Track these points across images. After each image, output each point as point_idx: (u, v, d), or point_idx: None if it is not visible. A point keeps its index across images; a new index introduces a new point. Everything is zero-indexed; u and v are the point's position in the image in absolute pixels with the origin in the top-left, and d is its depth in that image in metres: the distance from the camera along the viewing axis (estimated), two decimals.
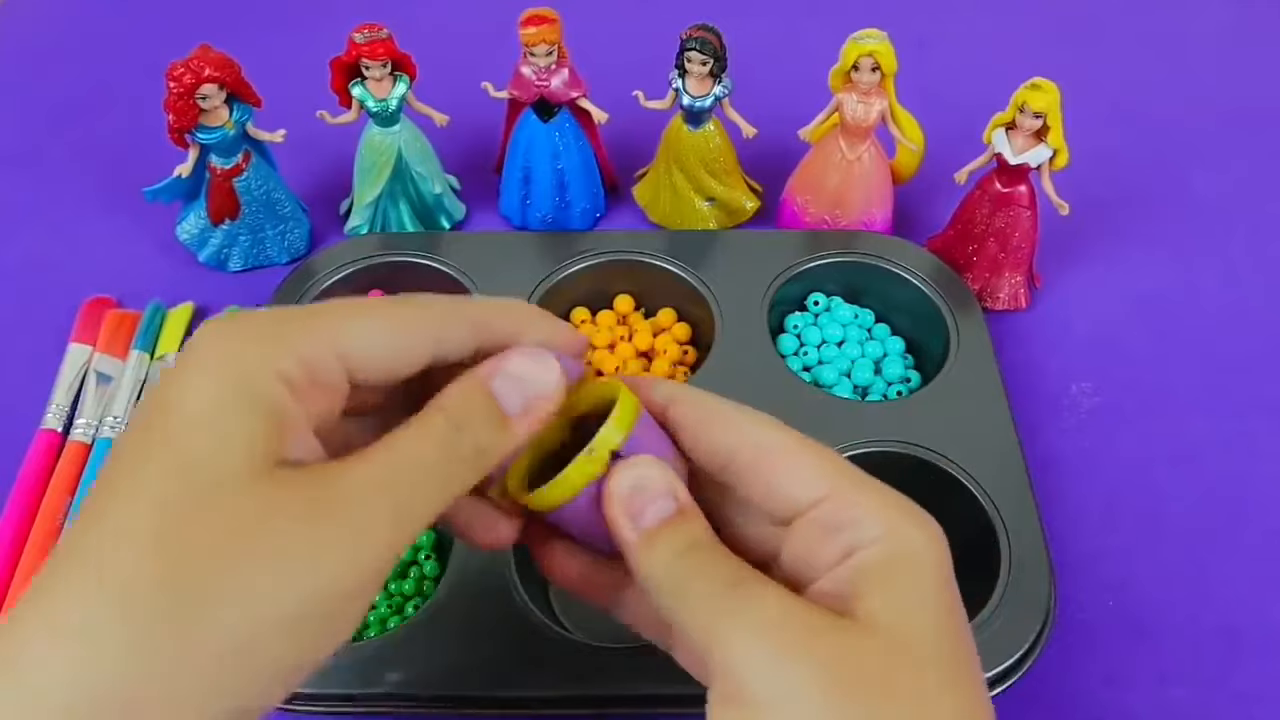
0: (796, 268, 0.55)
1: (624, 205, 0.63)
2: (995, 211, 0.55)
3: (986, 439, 0.48)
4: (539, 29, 0.53)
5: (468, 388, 0.26)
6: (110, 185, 0.64)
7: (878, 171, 0.57)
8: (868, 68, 0.53)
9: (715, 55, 0.53)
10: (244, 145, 0.55)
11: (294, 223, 0.59)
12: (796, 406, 0.49)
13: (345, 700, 0.41)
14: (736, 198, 0.61)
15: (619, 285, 0.56)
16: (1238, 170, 0.66)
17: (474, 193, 0.63)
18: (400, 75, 0.55)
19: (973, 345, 0.52)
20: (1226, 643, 0.45)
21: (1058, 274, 0.59)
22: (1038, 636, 0.42)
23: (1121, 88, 0.71)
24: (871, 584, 0.25)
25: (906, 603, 0.25)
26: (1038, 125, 0.51)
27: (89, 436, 0.51)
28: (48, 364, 0.54)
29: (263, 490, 0.23)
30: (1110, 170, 0.64)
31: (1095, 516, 0.49)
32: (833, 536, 0.26)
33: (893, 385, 0.53)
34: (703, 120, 0.57)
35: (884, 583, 0.25)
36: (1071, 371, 0.55)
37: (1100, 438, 0.52)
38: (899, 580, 0.25)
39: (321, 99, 0.56)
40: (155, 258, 0.60)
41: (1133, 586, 0.47)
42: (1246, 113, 0.70)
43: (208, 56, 0.52)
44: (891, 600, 0.25)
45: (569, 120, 0.58)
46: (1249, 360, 0.56)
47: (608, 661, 0.41)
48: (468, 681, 0.41)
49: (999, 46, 0.74)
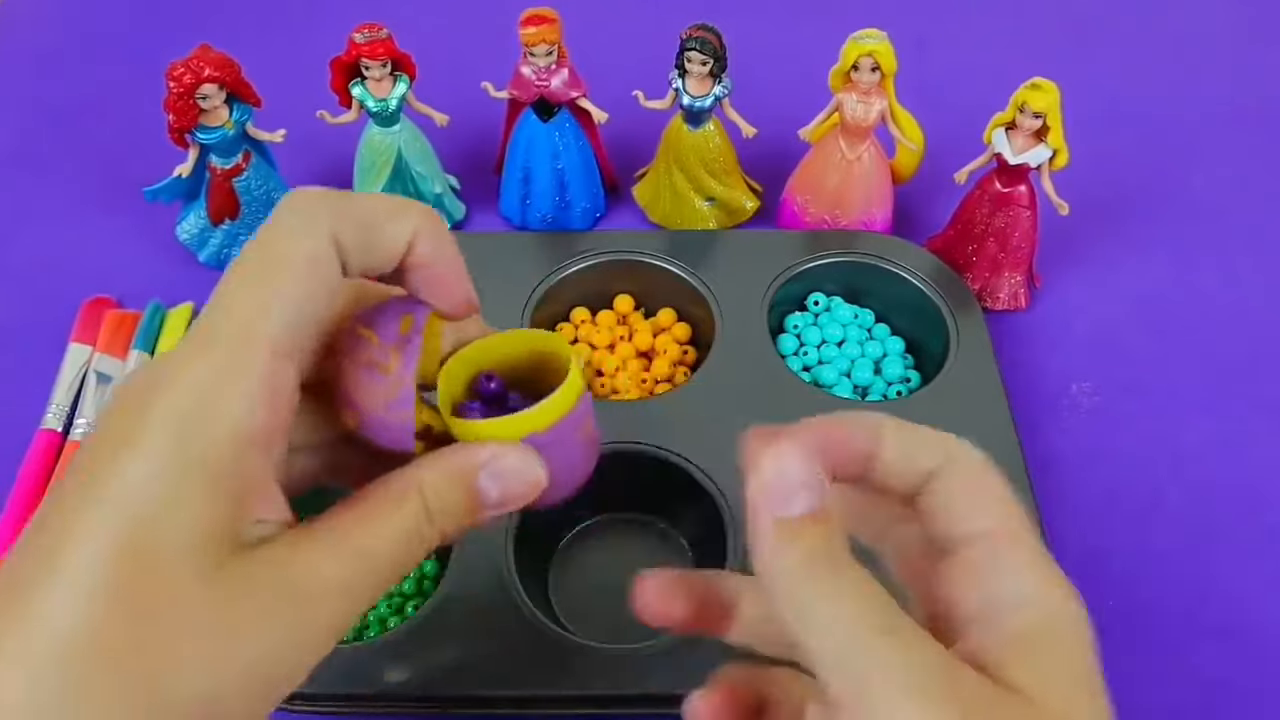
0: (796, 268, 0.55)
1: (624, 205, 0.63)
2: (995, 211, 0.55)
3: (986, 439, 0.47)
4: (539, 29, 0.54)
5: (454, 479, 0.25)
6: (110, 185, 0.64)
7: (878, 171, 0.57)
8: (868, 68, 0.53)
9: (715, 55, 0.53)
10: (244, 145, 0.55)
11: None
12: (796, 406, 0.49)
13: (345, 700, 0.41)
14: (736, 198, 0.61)
15: (619, 285, 0.56)
16: (1238, 170, 0.66)
17: (474, 193, 0.63)
18: (400, 75, 0.55)
19: (973, 345, 0.52)
20: (1226, 643, 0.45)
21: (1058, 274, 0.59)
22: None
23: (1121, 88, 0.71)
24: (1022, 651, 0.23)
25: (1063, 679, 0.23)
26: (1038, 125, 0.51)
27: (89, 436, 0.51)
28: (48, 364, 0.54)
29: (212, 589, 0.21)
30: (1110, 170, 0.64)
31: (1095, 516, 0.49)
32: (977, 581, 0.24)
33: (893, 385, 0.53)
34: (703, 120, 0.57)
35: (1038, 652, 0.23)
36: (1071, 371, 0.55)
37: (1100, 438, 0.52)
38: (1056, 653, 0.23)
39: (321, 99, 0.56)
40: (155, 258, 0.60)
41: (1133, 586, 0.47)
42: (1246, 113, 0.70)
43: (208, 56, 0.52)
44: (1048, 674, 0.22)
45: (569, 120, 0.58)
46: (1249, 360, 0.56)
47: (608, 661, 0.41)
48: (468, 681, 0.41)
49: (999, 46, 0.74)
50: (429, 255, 0.25)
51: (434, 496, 0.25)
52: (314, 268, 0.24)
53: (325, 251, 0.24)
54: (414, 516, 0.25)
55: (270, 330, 0.23)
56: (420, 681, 0.41)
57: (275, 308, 0.23)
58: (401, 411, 0.25)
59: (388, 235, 0.25)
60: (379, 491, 0.25)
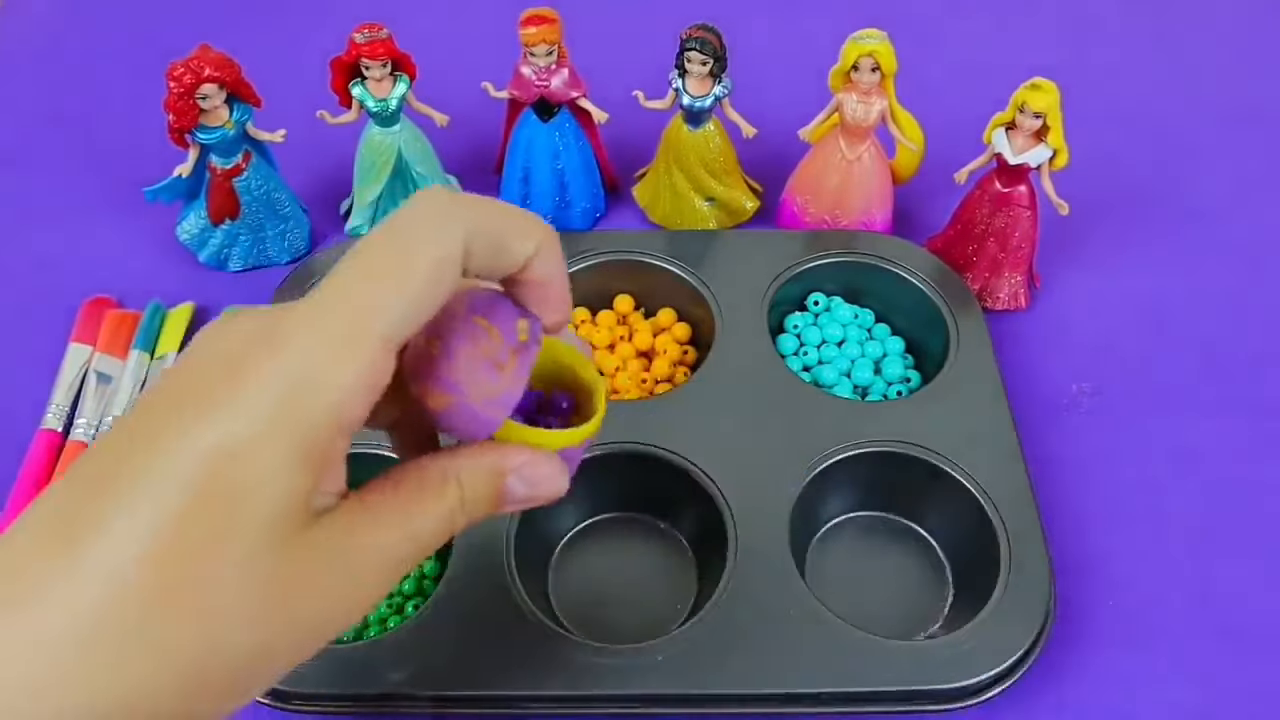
0: (796, 268, 0.55)
1: (624, 205, 0.63)
2: (995, 211, 0.55)
3: (986, 439, 0.48)
4: (539, 29, 0.54)
5: (488, 474, 0.28)
6: (110, 185, 0.64)
7: (878, 171, 0.57)
8: (868, 68, 0.53)
9: (715, 55, 0.53)
10: (244, 145, 0.55)
11: (294, 222, 0.59)
12: (796, 406, 0.50)
13: (345, 700, 0.41)
14: (736, 198, 0.61)
15: (619, 285, 0.56)
16: (1238, 170, 0.66)
17: (474, 192, 0.63)
18: (400, 75, 0.55)
19: (973, 345, 0.52)
20: (1226, 643, 0.45)
21: (1058, 274, 0.59)
22: (1038, 636, 0.42)
23: (1121, 88, 0.71)
24: None
25: None
26: (1038, 125, 0.51)
27: (89, 436, 0.51)
28: (48, 364, 0.54)
29: (279, 554, 0.23)
30: (1110, 170, 0.64)
31: (1095, 516, 0.49)
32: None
33: (893, 385, 0.53)
34: (703, 120, 0.57)
35: None
36: (1071, 371, 0.55)
37: (1100, 438, 0.52)
38: None
39: (321, 99, 0.56)
40: (155, 258, 0.60)
41: (1133, 586, 0.47)
42: (1247, 113, 0.70)
43: (208, 56, 0.52)
44: None
45: (569, 120, 0.58)
46: (1249, 360, 0.56)
47: (608, 661, 0.41)
48: (468, 681, 0.41)
49: (999, 46, 0.74)
50: (546, 274, 0.27)
51: (469, 487, 0.27)
52: (439, 271, 0.25)
53: (454, 257, 0.25)
54: (452, 503, 0.27)
55: (384, 327, 0.24)
56: (420, 681, 0.41)
57: (395, 305, 0.24)
58: (499, 411, 0.27)
59: (514, 250, 0.26)
60: (422, 476, 0.27)
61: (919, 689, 0.41)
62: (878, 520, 0.49)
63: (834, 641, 0.42)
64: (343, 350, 0.23)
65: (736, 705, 0.41)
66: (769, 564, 0.44)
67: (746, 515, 0.45)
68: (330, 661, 0.41)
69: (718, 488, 0.46)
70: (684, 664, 0.41)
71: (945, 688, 0.41)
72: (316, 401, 0.23)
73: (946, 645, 0.42)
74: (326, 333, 0.24)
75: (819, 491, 0.47)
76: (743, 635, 0.42)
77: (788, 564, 0.44)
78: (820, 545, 0.48)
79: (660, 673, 0.41)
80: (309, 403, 0.23)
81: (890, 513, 0.49)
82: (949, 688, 0.41)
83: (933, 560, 0.48)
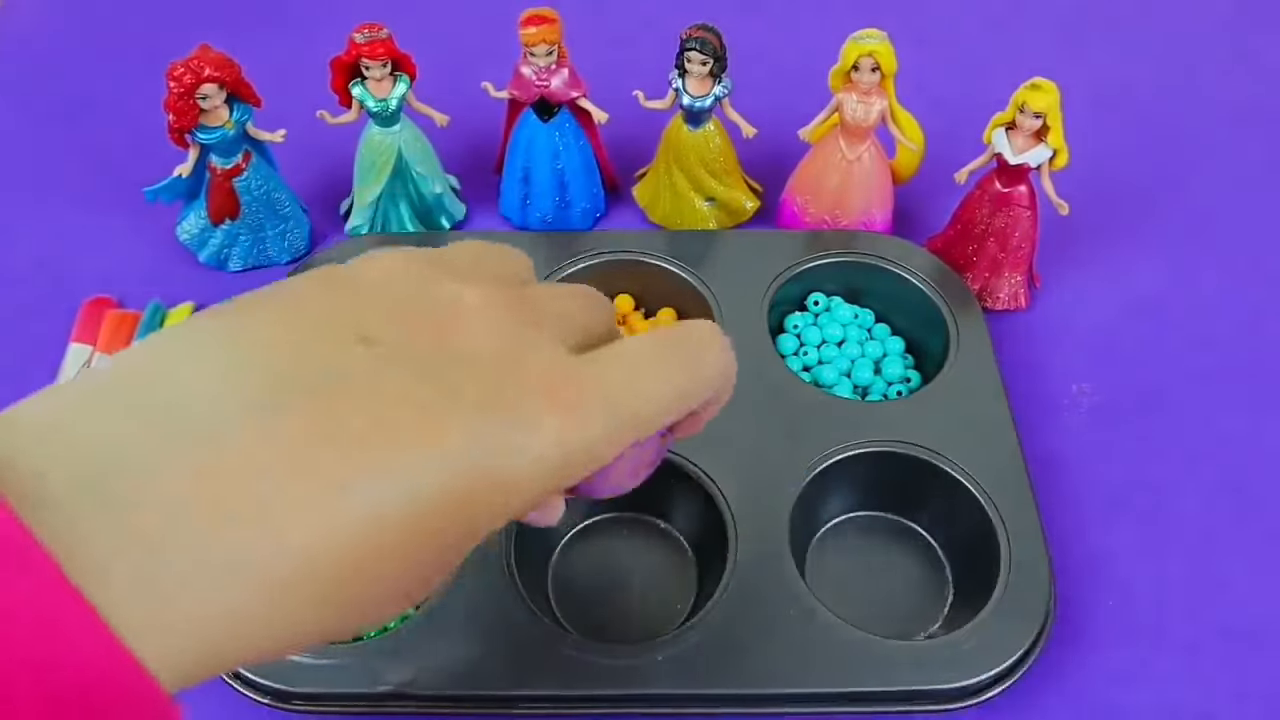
0: (796, 268, 0.55)
1: (624, 205, 0.63)
2: (995, 211, 0.55)
3: (986, 439, 0.48)
4: (539, 29, 0.54)
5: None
6: (110, 185, 0.63)
7: (878, 172, 0.57)
8: (868, 68, 0.53)
9: (715, 55, 0.53)
10: (244, 145, 0.55)
11: (294, 222, 0.59)
12: (796, 406, 0.50)
13: (345, 700, 0.41)
14: (736, 198, 0.61)
15: (619, 285, 0.56)
16: (1238, 170, 0.66)
17: (474, 193, 0.63)
18: (400, 75, 0.55)
19: (973, 345, 0.52)
20: (1226, 643, 0.45)
21: (1058, 274, 0.59)
22: (1038, 636, 0.42)
23: (1121, 88, 0.71)
24: None
25: None
26: (1038, 125, 0.51)
27: None
28: (48, 364, 0.54)
29: None
30: (1110, 170, 0.64)
31: (1095, 516, 0.49)
32: None
33: (893, 385, 0.53)
34: (703, 120, 0.57)
35: None
36: (1071, 371, 0.55)
37: (1100, 438, 0.52)
38: None
39: (321, 99, 0.56)
40: (155, 258, 0.60)
41: (1133, 586, 0.47)
42: (1246, 112, 0.70)
43: (208, 56, 0.52)
44: None
45: (569, 120, 0.58)
46: (1249, 360, 0.56)
47: (608, 662, 0.41)
48: (468, 681, 0.41)
49: (999, 46, 0.74)
50: (711, 414, 0.31)
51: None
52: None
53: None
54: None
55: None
56: (420, 681, 0.41)
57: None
58: (630, 482, 0.31)
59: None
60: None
61: (919, 689, 0.41)
62: (878, 520, 0.49)
63: (834, 641, 0.42)
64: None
65: (736, 705, 0.41)
66: (769, 564, 0.44)
67: (746, 515, 0.45)
68: (330, 661, 0.41)
69: (718, 488, 0.46)
70: (684, 664, 0.41)
71: (945, 688, 0.41)
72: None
73: (946, 645, 0.42)
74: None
75: (819, 491, 0.47)
76: (743, 635, 0.42)
77: (788, 564, 0.44)
78: (820, 545, 0.48)
79: (660, 673, 0.41)
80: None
81: (890, 513, 0.49)
82: (949, 688, 0.41)
83: (932, 560, 0.48)
